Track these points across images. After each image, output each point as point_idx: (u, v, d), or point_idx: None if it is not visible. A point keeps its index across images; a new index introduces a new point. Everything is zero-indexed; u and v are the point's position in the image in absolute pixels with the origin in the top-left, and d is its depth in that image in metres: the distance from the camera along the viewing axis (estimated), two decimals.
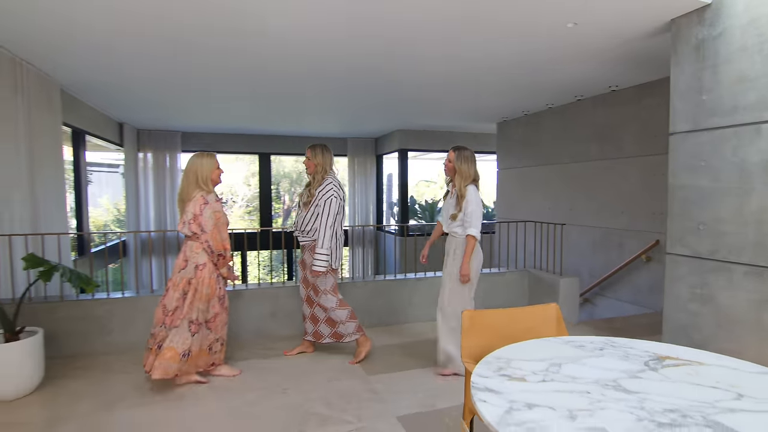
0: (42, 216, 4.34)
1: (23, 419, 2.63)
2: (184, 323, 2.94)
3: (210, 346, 3.11)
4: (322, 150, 3.37)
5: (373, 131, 8.76)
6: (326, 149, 3.39)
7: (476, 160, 3.24)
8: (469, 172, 3.16)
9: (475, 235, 3.07)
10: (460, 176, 3.16)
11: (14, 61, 3.91)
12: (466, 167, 3.16)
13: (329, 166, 3.39)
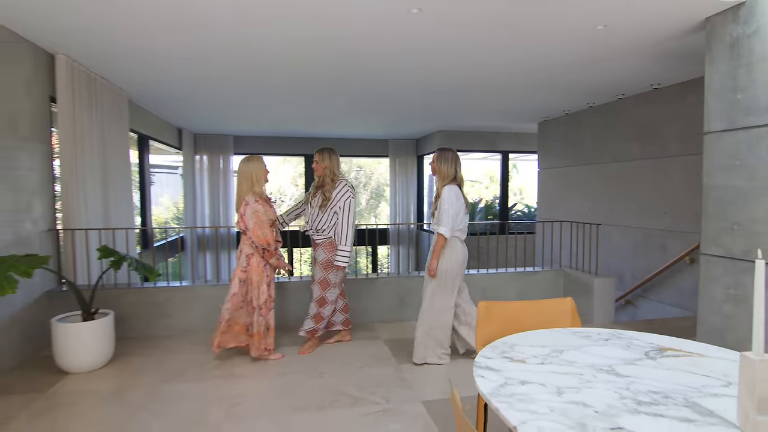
0: (112, 213, 4.86)
1: (98, 387, 3.04)
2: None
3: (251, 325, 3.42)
4: (330, 153, 3.59)
5: (413, 132, 8.93)
6: (333, 152, 3.62)
7: (460, 162, 3.32)
8: (448, 173, 3.25)
9: (444, 234, 3.15)
10: (439, 176, 3.29)
11: (90, 77, 4.41)
12: (445, 168, 3.26)
13: (337, 168, 3.61)
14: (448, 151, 3.34)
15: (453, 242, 3.26)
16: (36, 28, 3.36)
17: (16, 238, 3.46)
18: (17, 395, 2.89)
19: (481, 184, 17.93)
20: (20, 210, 3.53)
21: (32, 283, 3.61)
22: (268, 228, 3.36)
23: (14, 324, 3.42)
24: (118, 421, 2.60)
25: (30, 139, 3.67)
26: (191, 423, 2.56)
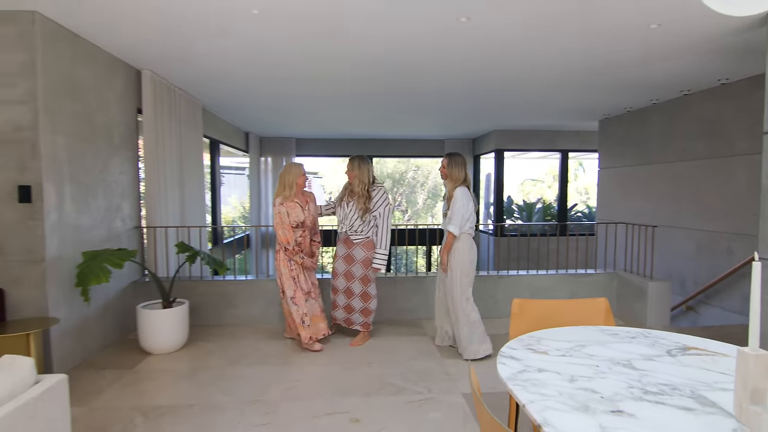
0: (187, 211, 5.40)
1: (174, 367, 3.46)
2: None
3: (300, 318, 3.70)
4: (359, 162, 3.81)
5: (470, 132, 8.97)
6: (363, 160, 3.84)
7: (467, 165, 3.61)
8: (459, 176, 3.52)
9: (454, 232, 3.41)
10: (450, 179, 3.55)
11: (170, 89, 4.94)
12: (456, 171, 3.54)
13: (367, 177, 3.80)
14: (457, 156, 3.61)
15: (465, 239, 3.52)
16: (127, 48, 3.86)
17: (109, 234, 3.99)
18: (109, 370, 3.38)
19: (543, 183, 17.43)
20: (112, 209, 4.06)
21: (121, 274, 4.13)
22: (289, 229, 3.66)
23: (107, 310, 3.95)
24: (191, 395, 2.97)
25: (121, 146, 4.21)
26: (252, 400, 2.88)
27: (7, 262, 3.13)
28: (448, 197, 3.57)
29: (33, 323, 2.94)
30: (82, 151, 3.58)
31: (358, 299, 3.89)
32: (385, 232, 3.79)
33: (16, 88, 3.07)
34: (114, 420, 2.62)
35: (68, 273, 3.37)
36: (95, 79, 3.76)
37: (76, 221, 3.52)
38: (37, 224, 3.14)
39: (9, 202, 3.11)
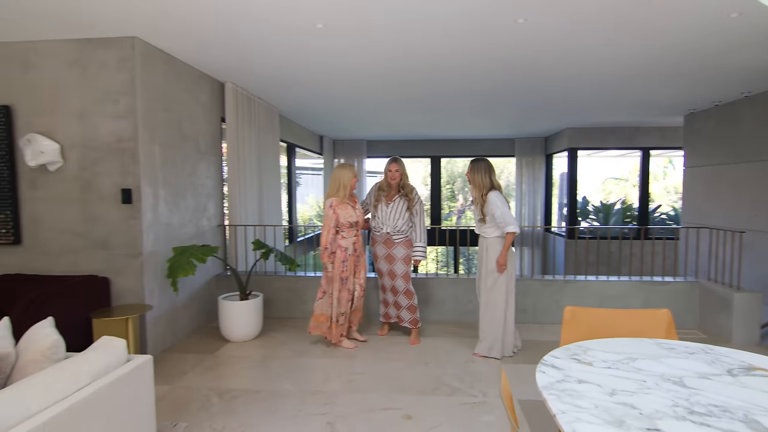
0: (265, 211, 5.81)
1: (249, 354, 3.78)
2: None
3: (337, 318, 3.84)
4: (401, 162, 4.02)
5: (541, 131, 8.67)
6: (402, 160, 4.02)
7: (493, 170, 3.65)
8: (483, 183, 3.59)
9: (515, 231, 3.48)
10: (474, 186, 3.62)
11: (250, 98, 5.35)
12: (479, 178, 3.60)
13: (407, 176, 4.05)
14: (480, 162, 3.66)
15: (499, 242, 3.57)
16: (212, 64, 4.27)
17: (196, 231, 4.44)
18: (193, 354, 3.77)
19: (627, 181, 16.29)
20: (199, 209, 4.50)
21: (206, 268, 4.57)
22: (328, 231, 3.78)
23: (194, 300, 4.40)
24: (261, 381, 3.25)
25: (207, 152, 4.65)
26: (314, 390, 3.08)
27: (112, 255, 3.62)
28: (480, 203, 3.64)
29: (131, 309, 3.37)
30: (174, 157, 4.02)
31: (403, 296, 4.01)
32: (423, 226, 4.01)
33: (119, 104, 3.53)
34: (194, 398, 2.95)
35: (161, 266, 3.81)
36: (184, 92, 4.19)
37: (168, 220, 3.96)
38: (136, 222, 3.59)
39: (114, 203, 3.59)
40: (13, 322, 2.76)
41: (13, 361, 1.82)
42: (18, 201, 3.65)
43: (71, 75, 3.55)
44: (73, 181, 3.60)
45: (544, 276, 4.73)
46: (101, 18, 3.13)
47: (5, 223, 3.62)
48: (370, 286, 4.52)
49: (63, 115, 3.57)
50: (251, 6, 2.93)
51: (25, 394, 1.52)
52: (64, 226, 3.63)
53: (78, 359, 1.78)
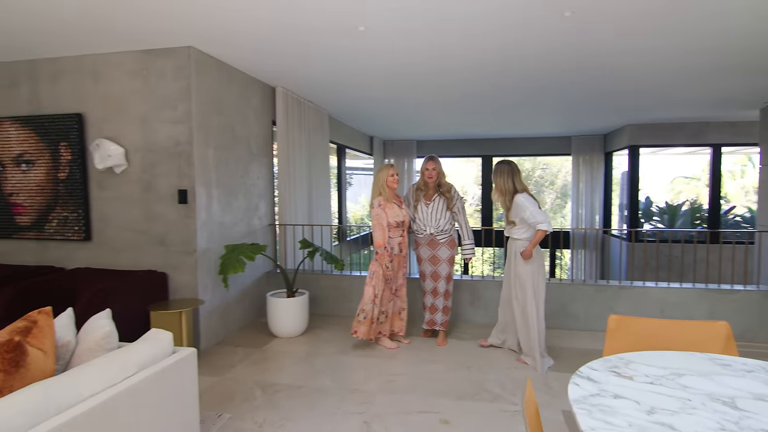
0: (314, 211, 5.95)
1: (294, 350, 3.90)
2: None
3: (377, 317, 3.83)
4: (438, 159, 3.96)
5: (600, 128, 8.23)
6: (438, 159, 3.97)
7: (518, 173, 3.55)
8: (507, 187, 3.51)
9: (546, 229, 3.35)
10: (498, 191, 3.57)
11: (300, 101, 5.50)
12: (501, 182, 3.53)
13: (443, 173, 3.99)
14: (503, 165, 3.60)
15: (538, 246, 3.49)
16: (262, 70, 4.43)
17: (248, 230, 4.63)
18: (242, 348, 3.94)
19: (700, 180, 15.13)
20: (250, 209, 4.69)
21: (256, 266, 4.76)
22: (382, 231, 3.75)
23: (245, 296, 4.59)
24: (303, 377, 3.33)
25: (258, 154, 4.83)
26: (353, 389, 3.12)
27: (169, 252, 3.85)
28: (505, 207, 3.60)
29: (185, 303, 3.57)
30: (226, 159, 4.21)
31: (442, 298, 3.96)
32: (468, 223, 3.99)
33: (176, 110, 3.75)
34: (239, 391, 3.08)
35: (214, 263, 4.01)
36: (237, 97, 4.38)
37: (221, 219, 4.15)
38: (191, 221, 3.80)
39: (171, 203, 3.82)
40: (80, 312, 3.01)
41: (73, 349, 1.98)
42: (89, 201, 3.98)
43: (134, 84, 3.82)
44: (136, 183, 3.87)
45: (598, 281, 4.49)
46: (161, 31, 3.35)
47: (77, 221, 3.96)
48: (414, 287, 4.51)
49: (127, 121, 3.85)
50: (296, 14, 3.02)
51: (78, 380, 1.65)
52: (128, 225, 3.91)
53: (127, 350, 1.91)
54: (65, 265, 4.07)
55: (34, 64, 4.01)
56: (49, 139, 3.96)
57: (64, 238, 4.01)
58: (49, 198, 4.02)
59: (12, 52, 3.83)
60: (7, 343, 1.56)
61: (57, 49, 3.78)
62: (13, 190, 4.10)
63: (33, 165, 4.03)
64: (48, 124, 3.96)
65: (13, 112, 4.09)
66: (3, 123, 4.06)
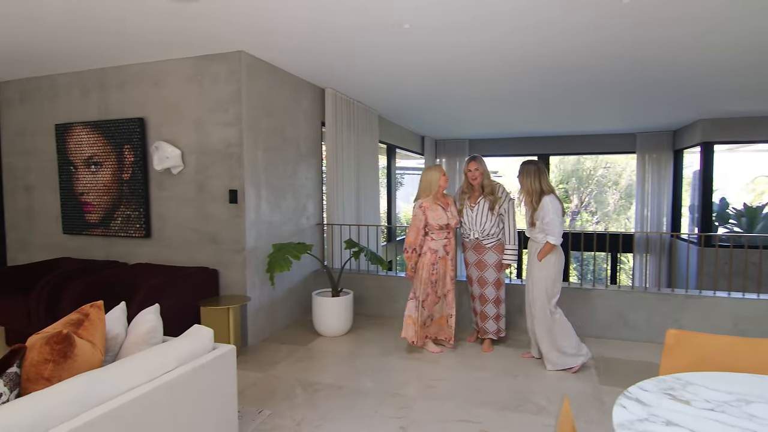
0: (362, 211, 5.98)
1: (337, 349, 3.92)
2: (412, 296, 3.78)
3: (424, 321, 3.74)
4: (482, 159, 3.80)
5: (668, 123, 7.63)
6: (482, 158, 3.82)
7: (544, 173, 3.46)
8: (533, 187, 3.42)
9: (555, 243, 3.33)
10: (524, 191, 3.47)
11: (349, 102, 5.54)
12: (528, 182, 3.44)
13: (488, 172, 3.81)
14: (529, 165, 3.50)
15: (558, 248, 3.43)
16: (312, 72, 4.49)
17: (296, 229, 4.71)
18: (287, 345, 4.01)
19: None
20: (299, 209, 4.77)
21: (304, 264, 4.83)
22: (416, 231, 3.68)
23: (291, 294, 4.68)
24: (344, 377, 3.33)
25: (307, 155, 4.91)
26: (392, 392, 3.08)
27: (221, 250, 4.00)
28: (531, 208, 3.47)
29: (233, 300, 3.69)
30: (275, 160, 4.31)
31: (492, 305, 3.81)
32: (514, 227, 3.77)
33: (228, 113, 3.88)
34: (281, 388, 3.14)
35: (262, 261, 4.11)
36: (287, 99, 4.47)
37: (270, 218, 4.26)
38: (240, 221, 3.92)
39: (223, 203, 3.96)
40: (136, 305, 3.18)
41: (122, 341, 2.09)
42: (149, 200, 4.21)
43: (190, 88, 3.99)
44: (190, 183, 4.05)
45: (662, 289, 4.15)
46: (214, 36, 3.47)
47: (139, 219, 4.21)
48: (461, 290, 4.39)
49: (183, 124, 4.04)
50: (343, 14, 3.02)
51: (120, 373, 1.73)
52: (183, 223, 4.10)
53: (169, 345, 1.98)
54: (128, 260, 4.34)
55: (104, 72, 4.30)
56: (114, 142, 4.24)
57: (127, 235, 4.28)
58: (115, 197, 4.30)
59: (85, 61, 4.12)
60: (57, 335, 1.66)
61: (124, 58, 4.03)
62: (83, 189, 4.42)
63: (101, 166, 4.33)
64: (114, 128, 4.23)
65: (85, 117, 4.41)
66: (76, 128, 4.40)
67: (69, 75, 4.46)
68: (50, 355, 1.64)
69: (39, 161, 4.70)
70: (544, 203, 3.38)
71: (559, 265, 3.45)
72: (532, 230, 3.50)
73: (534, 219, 3.44)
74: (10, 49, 3.77)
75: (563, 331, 3.43)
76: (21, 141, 4.79)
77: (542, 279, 3.42)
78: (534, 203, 3.43)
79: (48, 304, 3.60)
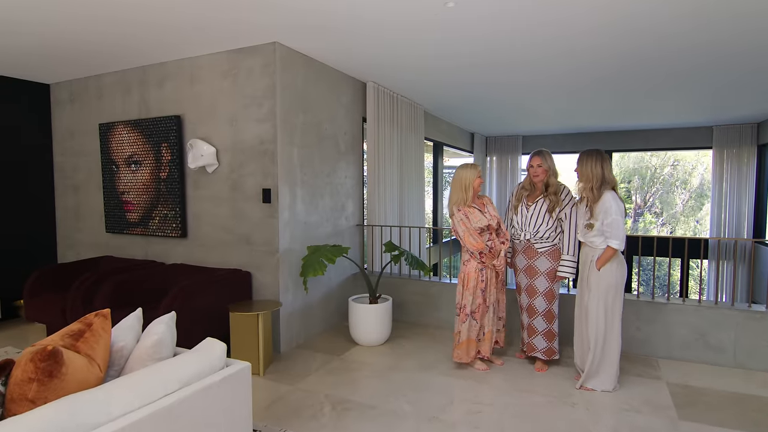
0: (406, 211, 5.66)
1: (373, 361, 3.63)
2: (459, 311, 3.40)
3: (476, 335, 3.36)
4: (548, 154, 3.34)
5: (751, 114, 6.75)
6: (549, 153, 3.35)
7: (607, 161, 3.01)
8: (594, 172, 2.97)
9: (618, 248, 2.91)
10: (583, 179, 3.05)
11: (392, 96, 5.25)
12: (589, 169, 3.00)
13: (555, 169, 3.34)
14: (592, 151, 3.06)
15: (620, 255, 3.03)
16: (352, 64, 4.24)
17: (334, 231, 4.48)
18: (321, 353, 3.77)
19: None
20: (337, 209, 4.54)
21: (342, 268, 4.59)
22: (478, 234, 3.28)
23: (329, 298, 4.45)
24: (378, 396, 3.03)
25: (347, 152, 4.67)
26: (431, 416, 2.74)
27: (254, 251, 3.82)
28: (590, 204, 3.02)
29: (264, 305, 3.49)
30: (312, 157, 4.09)
31: (541, 319, 3.37)
32: (575, 236, 3.28)
33: (262, 108, 3.70)
34: (309, 404, 2.88)
35: (296, 264, 3.90)
36: (325, 93, 4.24)
37: (305, 219, 4.04)
38: (273, 221, 3.72)
39: (256, 202, 3.78)
40: (164, 308, 3.04)
41: (128, 355, 1.90)
42: (185, 199, 4.12)
43: (224, 84, 3.85)
44: (225, 182, 3.91)
45: (752, 305, 3.55)
46: (247, 25, 3.27)
47: (175, 218, 4.12)
48: (510, 301, 3.98)
49: (218, 121, 3.90)
50: None
51: (113, 395, 1.52)
52: (218, 223, 3.97)
53: (173, 363, 1.77)
54: (165, 259, 4.28)
55: (145, 70, 4.26)
56: (153, 140, 4.18)
57: (164, 235, 4.21)
58: (153, 196, 4.24)
59: (128, 59, 4.08)
60: (41, 351, 1.48)
61: (163, 54, 3.95)
62: (124, 188, 4.41)
63: (140, 165, 4.29)
64: (153, 127, 4.17)
65: (126, 116, 4.40)
66: (117, 127, 4.39)
67: (113, 74, 4.47)
68: (34, 373, 1.46)
69: (86, 161, 4.76)
70: (605, 199, 2.94)
71: (621, 275, 3.01)
72: (587, 233, 3.05)
73: (593, 216, 3.00)
74: (60, 50, 3.78)
75: (617, 352, 3.04)
76: (70, 141, 4.87)
77: (601, 290, 2.99)
78: (594, 193, 2.98)
79: (83, 303, 3.57)
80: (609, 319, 3.01)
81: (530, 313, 3.43)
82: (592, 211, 3.01)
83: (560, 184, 3.39)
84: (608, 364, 3.04)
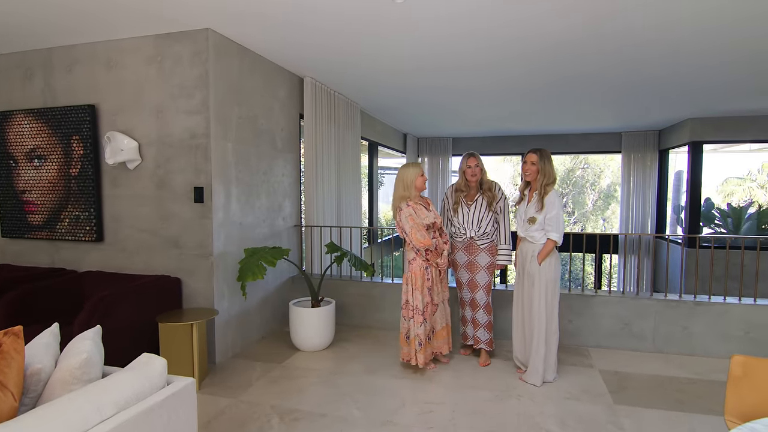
0: (344, 211, 5.55)
1: (317, 367, 3.49)
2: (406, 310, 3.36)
3: (427, 336, 3.35)
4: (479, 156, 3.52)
5: (654, 123, 7.49)
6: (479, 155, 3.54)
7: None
8: (553, 174, 3.14)
9: (558, 240, 3.07)
10: (543, 177, 3.14)
11: (329, 93, 5.11)
12: (549, 168, 3.14)
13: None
14: (546, 151, 3.21)
15: (555, 249, 3.19)
16: (289, 57, 4.04)
17: (271, 232, 4.26)
18: (260, 363, 3.55)
19: (755, 181, 13.95)
20: (274, 209, 4.32)
21: (281, 270, 4.38)
22: (425, 230, 3.30)
23: (266, 303, 4.22)
24: (327, 403, 2.90)
25: (283, 150, 4.46)
26: (384, 420, 2.67)
27: (184, 255, 3.51)
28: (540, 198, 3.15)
29: (197, 314, 3.22)
30: (248, 154, 3.85)
31: (483, 312, 3.49)
32: (509, 227, 3.52)
33: (193, 99, 3.41)
34: (254, 417, 2.69)
35: (232, 267, 3.65)
36: (260, 87, 4.01)
37: (241, 219, 3.79)
38: (207, 222, 3.45)
39: (186, 201, 3.48)
40: (81, 323, 2.68)
41: (46, 378, 1.62)
42: (101, 199, 3.69)
43: (149, 71, 3.50)
44: (149, 179, 3.56)
45: (668, 295, 3.88)
46: (177, 7, 2.98)
47: (89, 220, 3.68)
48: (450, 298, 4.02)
49: (141, 112, 3.54)
50: None
51: (36, 427, 1.27)
52: (141, 225, 3.60)
53: (106, 384, 1.53)
54: (78, 267, 3.80)
55: (51, 52, 3.76)
56: (61, 132, 3.70)
57: (75, 239, 3.74)
58: (61, 196, 3.76)
59: (29, 39, 3.56)
60: None
61: (73, 36, 3.50)
62: (25, 187, 3.86)
63: (45, 160, 3.78)
64: (60, 117, 3.69)
65: (27, 104, 3.85)
66: (16, 116, 3.83)
67: (9, 56, 3.89)
68: None
69: None
70: (551, 195, 3.12)
71: (557, 268, 3.18)
72: (529, 227, 3.17)
73: (543, 207, 3.11)
74: None
75: (556, 344, 3.20)
76: None
77: (542, 284, 3.11)
78: (547, 188, 3.13)
79: None
80: (549, 313, 3.13)
81: (473, 306, 3.51)
82: (542, 204, 3.11)
83: (492, 181, 3.53)
84: (549, 356, 3.17)
